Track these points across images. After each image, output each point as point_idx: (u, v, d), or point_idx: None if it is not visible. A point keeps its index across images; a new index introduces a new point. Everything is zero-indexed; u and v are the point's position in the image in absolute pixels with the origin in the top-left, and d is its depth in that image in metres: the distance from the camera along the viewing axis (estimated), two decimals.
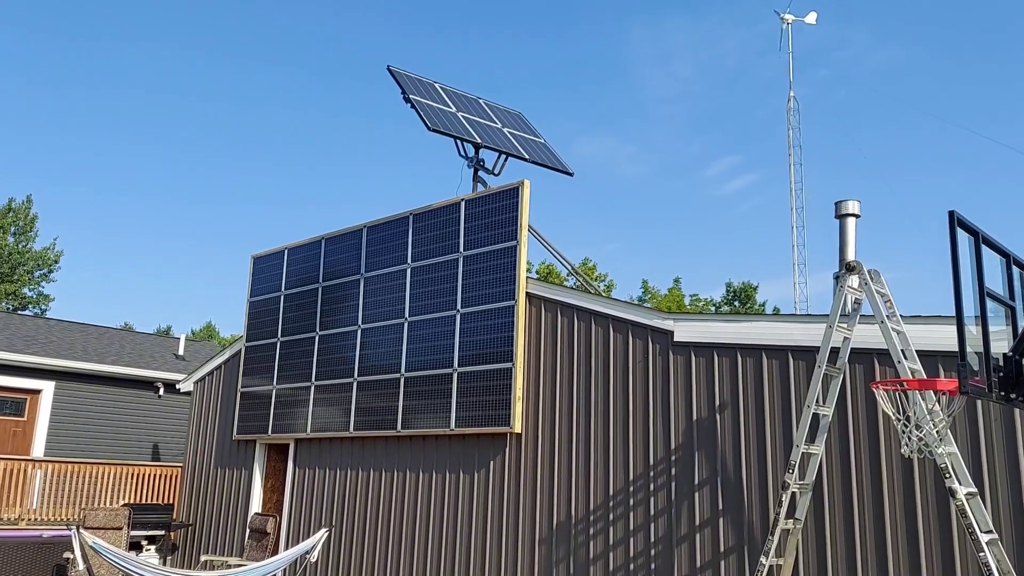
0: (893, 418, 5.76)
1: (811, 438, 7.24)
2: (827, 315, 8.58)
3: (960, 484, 6.15)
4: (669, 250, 63.51)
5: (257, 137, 73.99)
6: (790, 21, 27.56)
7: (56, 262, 44.32)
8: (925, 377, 6.57)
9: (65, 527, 14.00)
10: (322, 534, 10.95)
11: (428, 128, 11.22)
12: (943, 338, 7.12)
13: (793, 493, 7.21)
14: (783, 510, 7.12)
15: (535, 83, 68.91)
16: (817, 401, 7.13)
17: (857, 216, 9.92)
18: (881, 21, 57.11)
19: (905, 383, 5.77)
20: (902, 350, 6.59)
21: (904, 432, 5.70)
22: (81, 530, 10.27)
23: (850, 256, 9.89)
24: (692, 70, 64.07)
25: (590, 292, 12.04)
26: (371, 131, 73.90)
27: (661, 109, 65.45)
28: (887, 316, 6.72)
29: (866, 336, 7.47)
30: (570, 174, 13.15)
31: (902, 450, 5.73)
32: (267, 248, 15.17)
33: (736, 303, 41.23)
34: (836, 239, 7.76)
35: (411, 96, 11.72)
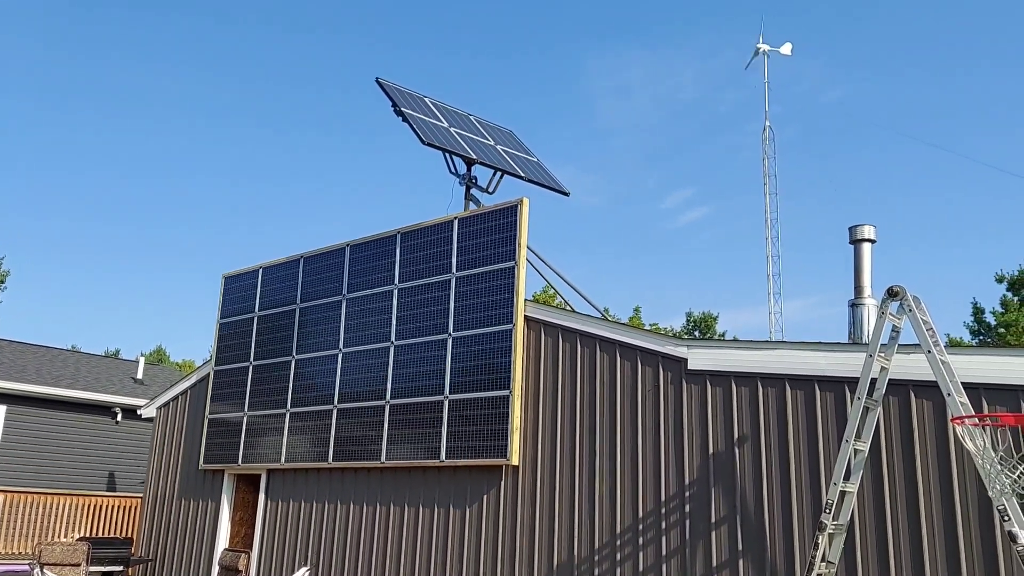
0: (978, 458, 5.27)
1: (846, 475, 6.79)
2: (855, 343, 8.19)
3: (1021, 528, 5.71)
4: (626, 280, 63.36)
5: (220, 153, 72.54)
6: (767, 50, 27.53)
7: (2, 282, 42.72)
8: (973, 412, 6.15)
9: (27, 564, 13.14)
10: (304, 573, 10.24)
11: (422, 142, 10.68)
12: (987, 370, 6.73)
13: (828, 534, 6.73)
14: (819, 553, 6.64)
15: (491, 111, 68.54)
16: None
17: (873, 241, 9.59)
18: (833, 55, 57.85)
19: (1000, 418, 5.28)
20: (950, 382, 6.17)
21: (988, 473, 5.19)
22: (45, 569, 9.49)
23: (865, 282, 9.54)
24: (648, 102, 64.31)
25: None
26: (341, 150, 72.97)
27: (618, 140, 65.52)
28: (933, 346, 6.30)
29: (900, 367, 7.06)
30: (566, 194, 12.68)
31: (991, 493, 5.25)
32: (237, 268, 14.48)
33: (696, 333, 41.03)
34: (799, 268, 7.36)
35: (403, 109, 11.17)
